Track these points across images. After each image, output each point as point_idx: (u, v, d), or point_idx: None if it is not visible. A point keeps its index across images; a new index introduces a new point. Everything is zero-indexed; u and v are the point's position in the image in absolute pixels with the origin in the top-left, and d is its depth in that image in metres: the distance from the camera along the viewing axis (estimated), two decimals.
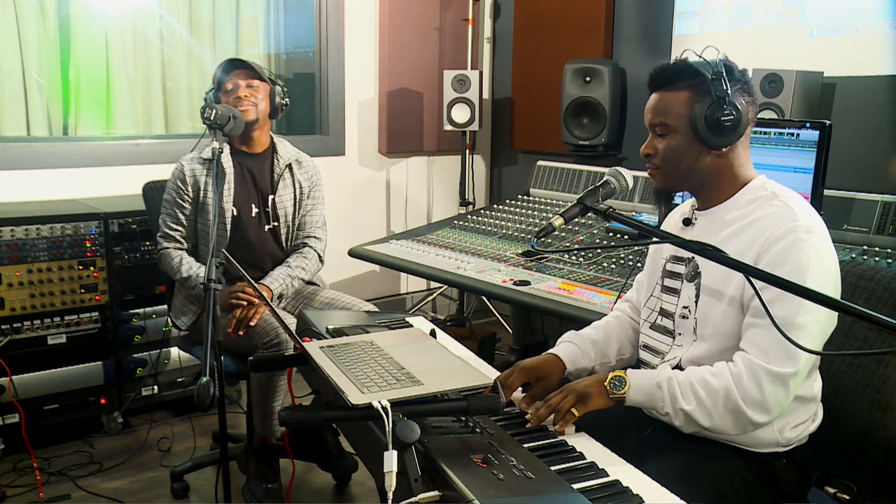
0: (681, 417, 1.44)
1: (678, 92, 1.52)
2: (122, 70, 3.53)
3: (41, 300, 2.79)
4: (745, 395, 1.40)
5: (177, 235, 2.58)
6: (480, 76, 4.10)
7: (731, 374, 1.42)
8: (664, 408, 1.45)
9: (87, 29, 3.44)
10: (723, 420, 1.42)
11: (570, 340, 1.76)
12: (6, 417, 2.72)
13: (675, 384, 1.44)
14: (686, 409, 1.43)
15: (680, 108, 1.51)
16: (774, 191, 1.52)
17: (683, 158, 1.53)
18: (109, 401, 2.98)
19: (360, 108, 4.18)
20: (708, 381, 1.43)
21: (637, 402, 1.47)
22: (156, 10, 3.61)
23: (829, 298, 1.15)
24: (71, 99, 3.44)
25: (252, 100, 2.53)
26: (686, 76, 1.51)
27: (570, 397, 1.47)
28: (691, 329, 1.57)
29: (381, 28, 4.18)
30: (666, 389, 1.44)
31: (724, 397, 1.41)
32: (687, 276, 1.60)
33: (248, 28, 3.97)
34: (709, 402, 1.42)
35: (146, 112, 3.65)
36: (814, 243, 1.42)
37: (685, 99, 1.51)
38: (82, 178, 3.28)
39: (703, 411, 1.42)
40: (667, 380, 1.45)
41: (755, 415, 1.40)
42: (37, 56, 3.29)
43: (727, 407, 1.41)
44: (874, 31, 2.96)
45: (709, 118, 1.47)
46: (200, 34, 3.78)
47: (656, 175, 1.59)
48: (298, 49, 4.20)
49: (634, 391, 1.46)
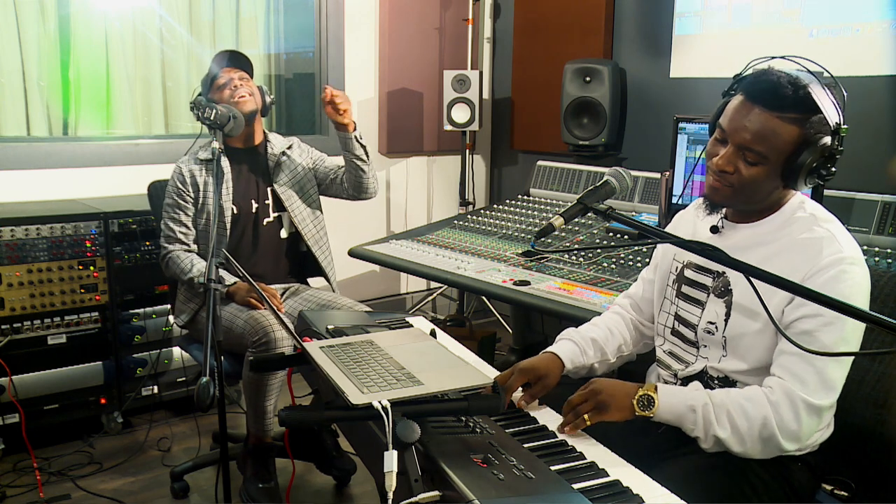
0: (711, 441, 1.41)
1: (789, 124, 1.38)
2: (122, 70, 3.53)
3: (41, 300, 2.79)
4: (781, 424, 1.38)
5: (182, 237, 2.57)
6: (480, 76, 4.10)
7: (770, 403, 1.39)
8: (695, 431, 1.42)
9: (87, 29, 3.44)
10: (753, 447, 1.40)
11: (569, 338, 1.75)
12: (6, 417, 2.72)
13: (710, 410, 1.40)
14: (720, 436, 1.40)
15: (785, 144, 1.39)
16: (814, 212, 1.49)
17: (762, 189, 1.45)
18: (109, 401, 2.98)
19: (360, 108, 4.18)
20: (745, 409, 1.39)
21: (663, 419, 1.44)
22: (156, 10, 3.61)
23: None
24: (71, 99, 3.44)
25: (248, 89, 2.58)
26: (803, 108, 1.38)
27: (588, 403, 1.44)
28: (719, 344, 1.54)
29: (381, 28, 4.18)
30: (700, 413, 1.41)
31: (761, 426, 1.38)
32: (715, 290, 1.56)
33: (248, 28, 3.97)
34: (744, 430, 1.39)
35: (146, 112, 3.65)
36: (857, 275, 1.41)
37: (794, 136, 1.38)
38: (82, 178, 3.28)
39: (737, 438, 1.40)
40: (702, 405, 1.41)
41: (787, 444, 1.39)
42: (37, 56, 3.29)
43: (762, 435, 1.39)
44: (874, 31, 2.96)
45: (812, 166, 1.38)
46: (200, 34, 3.78)
47: (725, 192, 1.47)
48: (298, 49, 4.20)
49: (664, 410, 1.43)
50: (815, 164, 1.39)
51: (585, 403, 1.44)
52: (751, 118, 1.40)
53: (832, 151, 1.39)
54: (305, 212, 2.73)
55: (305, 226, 2.72)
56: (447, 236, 3.08)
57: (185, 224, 2.58)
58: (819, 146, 1.39)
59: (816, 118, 1.38)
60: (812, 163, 1.39)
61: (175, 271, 2.55)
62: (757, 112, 1.40)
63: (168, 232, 2.58)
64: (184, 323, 2.61)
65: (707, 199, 1.53)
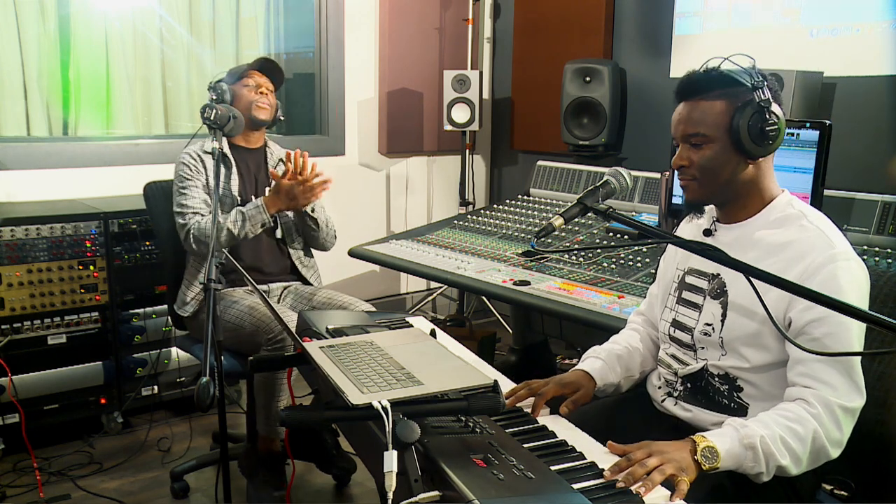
0: (773, 471, 1.39)
1: (713, 101, 1.48)
2: (122, 70, 3.53)
3: (41, 300, 2.79)
4: (828, 436, 1.38)
5: (199, 209, 2.53)
6: (480, 76, 4.10)
7: (814, 417, 1.38)
8: (756, 468, 1.37)
9: (87, 29, 3.45)
10: (808, 464, 1.40)
11: (595, 356, 1.75)
12: (6, 417, 2.72)
13: (768, 443, 1.36)
14: (782, 464, 1.38)
15: (718, 117, 1.47)
16: (802, 210, 1.50)
17: (723, 169, 1.49)
18: (109, 401, 2.98)
19: (360, 108, 4.19)
20: (796, 431, 1.38)
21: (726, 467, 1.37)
22: (156, 10, 3.61)
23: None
24: (71, 99, 3.44)
25: (270, 100, 2.67)
26: (721, 84, 1.48)
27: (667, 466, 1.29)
28: (717, 344, 1.55)
29: (381, 28, 4.18)
30: (760, 449, 1.36)
31: (812, 442, 1.38)
32: (710, 292, 1.57)
33: (248, 28, 3.97)
34: (800, 451, 1.38)
35: (146, 112, 3.65)
36: (852, 269, 1.42)
37: (723, 108, 1.47)
38: (82, 178, 3.28)
39: (795, 461, 1.38)
40: (759, 438, 1.36)
41: (834, 451, 1.40)
42: (37, 56, 3.29)
43: (813, 451, 1.39)
44: (874, 31, 2.96)
45: (752, 127, 1.44)
46: (200, 34, 3.78)
47: (692, 186, 1.54)
48: (298, 49, 4.20)
49: (726, 460, 1.36)
50: (753, 122, 1.44)
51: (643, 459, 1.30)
52: (682, 112, 1.52)
53: (762, 106, 1.44)
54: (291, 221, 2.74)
55: (290, 233, 2.74)
56: (447, 236, 3.08)
57: (202, 196, 2.55)
58: (749, 107, 1.45)
59: (735, 89, 1.46)
60: (749, 122, 1.44)
61: (201, 238, 2.48)
62: (684, 105, 1.52)
63: (182, 209, 2.53)
64: (188, 314, 2.59)
65: (685, 204, 1.59)
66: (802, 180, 2.33)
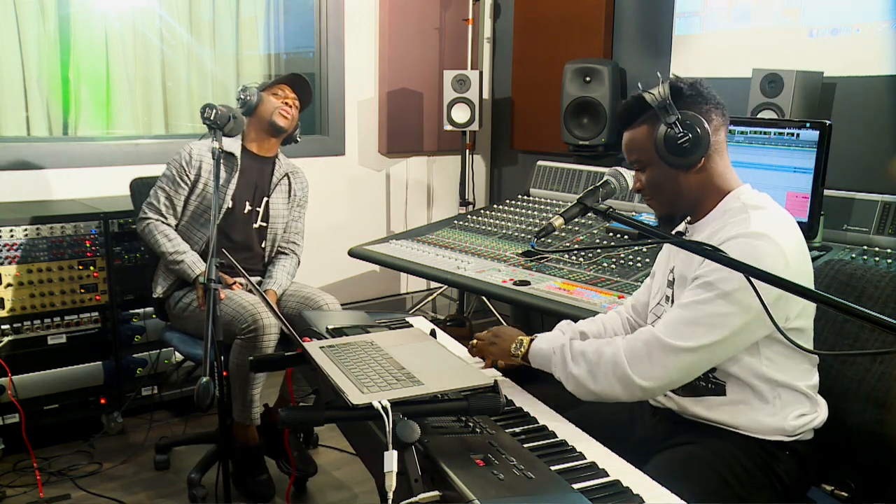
0: (571, 382, 1.54)
1: (638, 128, 1.58)
2: (122, 70, 3.53)
3: (41, 300, 2.79)
4: (632, 359, 1.46)
5: (164, 211, 2.64)
6: (480, 76, 4.10)
7: (626, 341, 1.49)
8: (556, 372, 1.57)
9: (87, 29, 3.44)
10: (609, 385, 1.49)
11: (559, 329, 1.83)
12: (6, 417, 2.72)
13: (567, 350, 1.55)
14: (574, 372, 1.52)
15: (643, 142, 1.57)
16: (746, 202, 1.53)
17: (667, 184, 1.57)
18: (109, 401, 2.98)
19: (360, 108, 4.18)
20: (599, 347, 1.52)
21: (536, 364, 1.63)
22: (156, 10, 3.61)
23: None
24: (71, 99, 3.44)
25: (294, 113, 2.73)
26: (638, 112, 1.58)
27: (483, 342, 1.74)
28: None
29: (381, 28, 4.18)
30: (559, 354, 1.56)
31: (612, 363, 1.48)
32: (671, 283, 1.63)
33: (248, 28, 3.97)
34: (595, 366, 1.50)
35: (146, 112, 3.65)
36: (760, 246, 1.41)
37: (645, 132, 1.56)
38: (82, 178, 3.28)
39: (591, 375, 1.50)
40: (560, 346, 1.57)
41: (641, 381, 1.46)
42: (37, 56, 3.29)
43: (616, 374, 1.48)
44: (874, 31, 2.96)
45: (668, 144, 1.51)
46: (200, 34, 3.78)
47: (653, 205, 1.64)
48: (298, 49, 4.20)
49: (534, 353, 1.63)
50: (668, 139, 1.51)
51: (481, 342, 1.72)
52: (623, 143, 1.65)
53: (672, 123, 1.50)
54: (279, 234, 2.80)
55: (273, 246, 2.80)
56: (447, 236, 3.08)
57: (174, 202, 2.64)
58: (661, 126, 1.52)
59: (650, 111, 1.54)
60: (665, 140, 1.51)
61: (150, 241, 2.62)
62: (624, 136, 1.64)
63: (154, 200, 2.64)
64: (158, 295, 2.66)
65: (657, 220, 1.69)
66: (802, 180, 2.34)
